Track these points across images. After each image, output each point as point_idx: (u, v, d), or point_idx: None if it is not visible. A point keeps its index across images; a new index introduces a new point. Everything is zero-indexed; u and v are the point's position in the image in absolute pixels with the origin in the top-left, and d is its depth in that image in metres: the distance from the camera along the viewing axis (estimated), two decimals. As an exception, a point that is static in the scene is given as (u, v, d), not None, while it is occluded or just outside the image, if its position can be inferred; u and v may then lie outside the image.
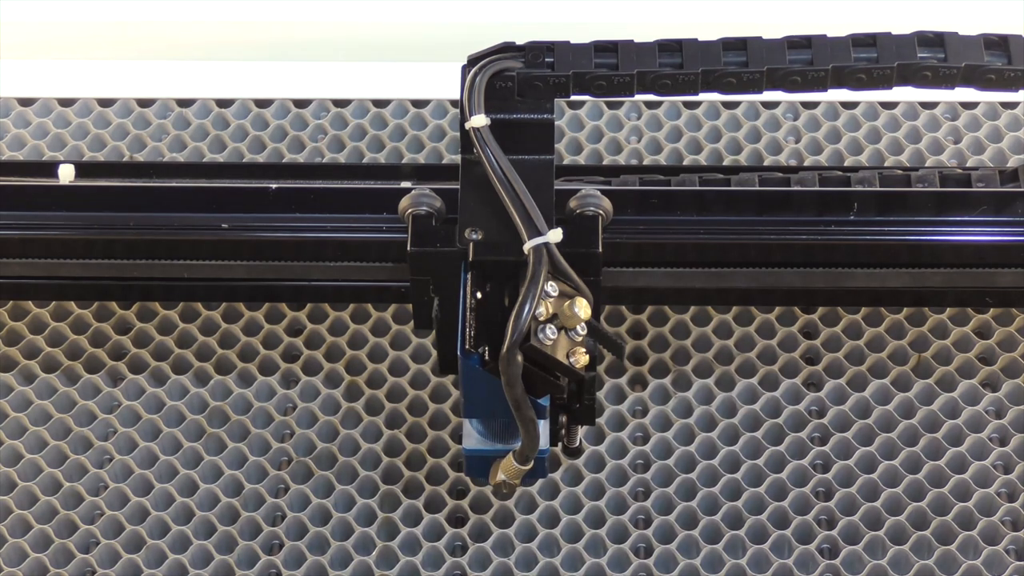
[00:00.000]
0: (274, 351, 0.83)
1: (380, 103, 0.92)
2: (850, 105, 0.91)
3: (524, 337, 0.60)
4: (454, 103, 0.92)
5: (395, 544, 0.77)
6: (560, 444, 0.73)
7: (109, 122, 0.91)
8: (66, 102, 0.91)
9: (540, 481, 0.78)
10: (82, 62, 0.95)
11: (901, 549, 0.76)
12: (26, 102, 0.91)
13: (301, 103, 0.92)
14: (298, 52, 0.97)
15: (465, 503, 0.78)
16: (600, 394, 0.81)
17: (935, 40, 0.66)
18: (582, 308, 0.61)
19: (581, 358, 0.62)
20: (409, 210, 0.68)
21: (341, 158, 0.90)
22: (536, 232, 0.62)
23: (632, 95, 0.67)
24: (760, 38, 0.67)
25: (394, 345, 0.83)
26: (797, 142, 0.90)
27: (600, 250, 0.66)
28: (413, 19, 0.97)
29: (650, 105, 0.91)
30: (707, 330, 0.83)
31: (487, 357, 0.64)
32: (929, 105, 0.91)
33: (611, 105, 0.91)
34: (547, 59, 0.66)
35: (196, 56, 0.96)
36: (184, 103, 0.92)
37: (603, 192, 0.68)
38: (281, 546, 0.77)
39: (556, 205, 0.66)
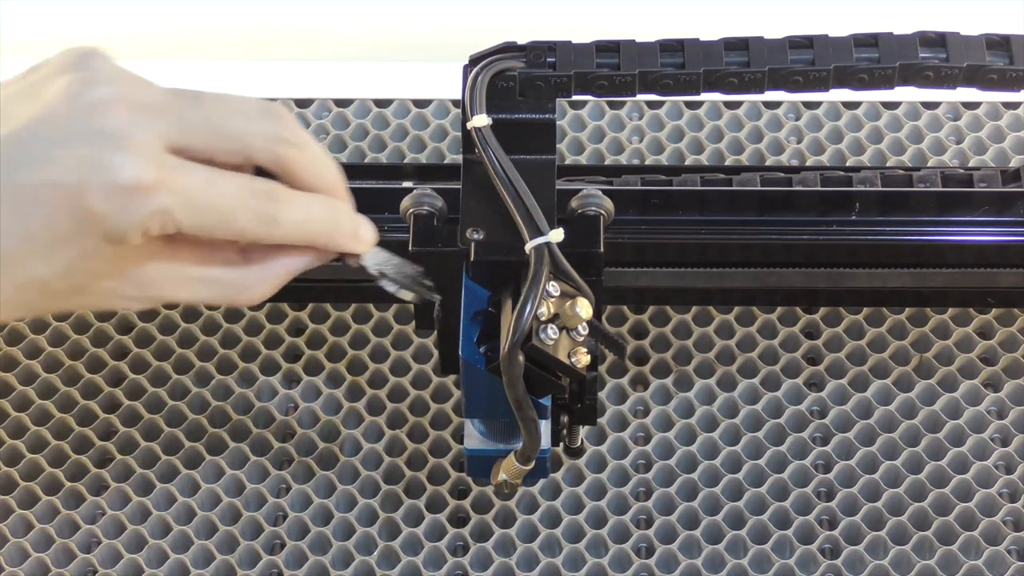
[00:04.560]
0: (275, 351, 0.83)
1: (382, 103, 0.92)
2: (852, 105, 0.91)
3: (525, 337, 0.60)
4: (456, 103, 0.92)
5: (396, 544, 0.77)
6: (561, 444, 0.73)
7: (111, 122, 0.91)
8: (68, 102, 0.91)
9: (542, 481, 0.78)
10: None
11: (903, 549, 0.76)
12: (28, 102, 0.91)
13: (303, 103, 0.92)
14: (299, 52, 0.97)
15: (466, 503, 0.78)
16: (601, 394, 0.81)
17: (937, 40, 0.66)
18: (584, 308, 0.61)
19: (582, 358, 0.62)
20: (411, 210, 0.68)
21: (343, 158, 0.90)
22: (537, 232, 0.62)
23: (634, 95, 0.67)
24: (762, 38, 0.67)
25: (396, 345, 0.83)
26: (799, 142, 0.90)
27: (602, 250, 0.66)
28: (415, 19, 0.97)
29: (652, 105, 0.91)
30: (709, 330, 0.83)
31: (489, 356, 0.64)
32: (931, 105, 0.91)
33: (613, 105, 0.91)
34: (549, 59, 0.66)
35: (197, 56, 0.96)
36: (186, 103, 0.92)
37: (605, 192, 0.68)
38: (283, 546, 0.77)
39: (558, 205, 0.65)
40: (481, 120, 0.64)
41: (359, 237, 0.60)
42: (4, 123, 0.52)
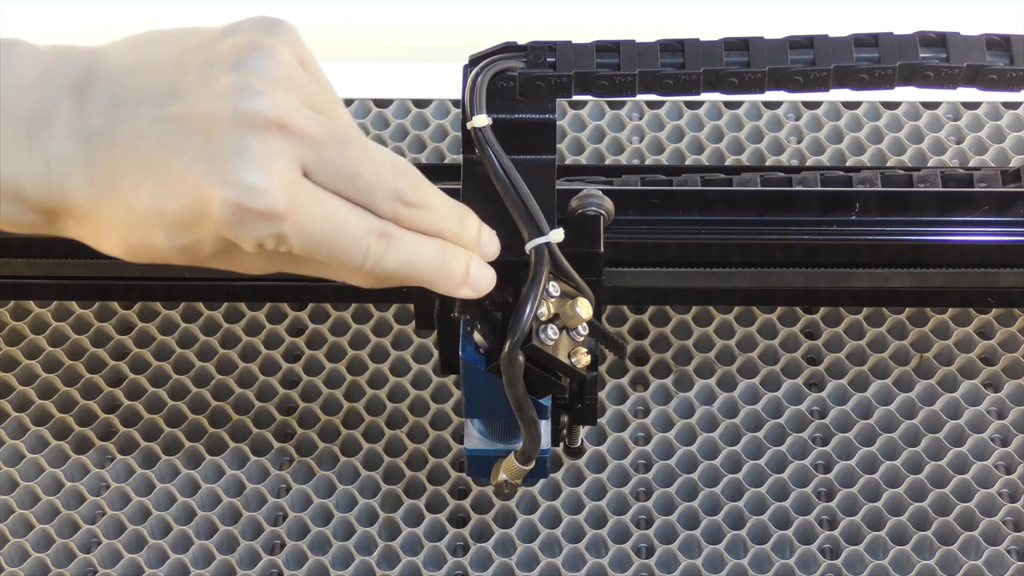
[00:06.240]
0: (275, 351, 0.83)
1: (382, 103, 0.92)
2: (852, 105, 0.91)
3: (526, 337, 0.60)
4: (456, 103, 0.92)
5: (396, 544, 0.77)
6: (562, 444, 0.73)
7: (111, 122, 0.91)
8: (68, 102, 0.91)
9: (542, 481, 0.79)
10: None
11: (903, 549, 0.76)
12: (28, 102, 0.91)
13: (303, 103, 0.92)
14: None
15: (466, 503, 0.78)
16: (602, 394, 0.81)
17: (937, 40, 0.66)
18: (584, 308, 0.61)
19: (583, 358, 0.62)
20: (411, 210, 0.67)
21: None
22: (538, 232, 0.62)
23: (634, 95, 0.67)
24: (762, 38, 0.67)
25: (395, 345, 0.83)
26: (799, 142, 0.90)
27: (602, 250, 0.66)
28: (414, 19, 0.97)
29: (652, 105, 0.91)
30: (709, 330, 0.83)
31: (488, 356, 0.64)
32: (931, 105, 0.91)
33: (613, 105, 0.91)
34: (549, 59, 0.66)
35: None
36: (186, 103, 0.92)
37: (605, 192, 0.68)
38: (283, 546, 0.77)
39: (558, 205, 0.65)
40: (481, 120, 0.64)
41: (468, 284, 0.61)
42: (179, 98, 0.55)
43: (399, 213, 0.58)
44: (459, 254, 0.60)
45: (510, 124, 0.66)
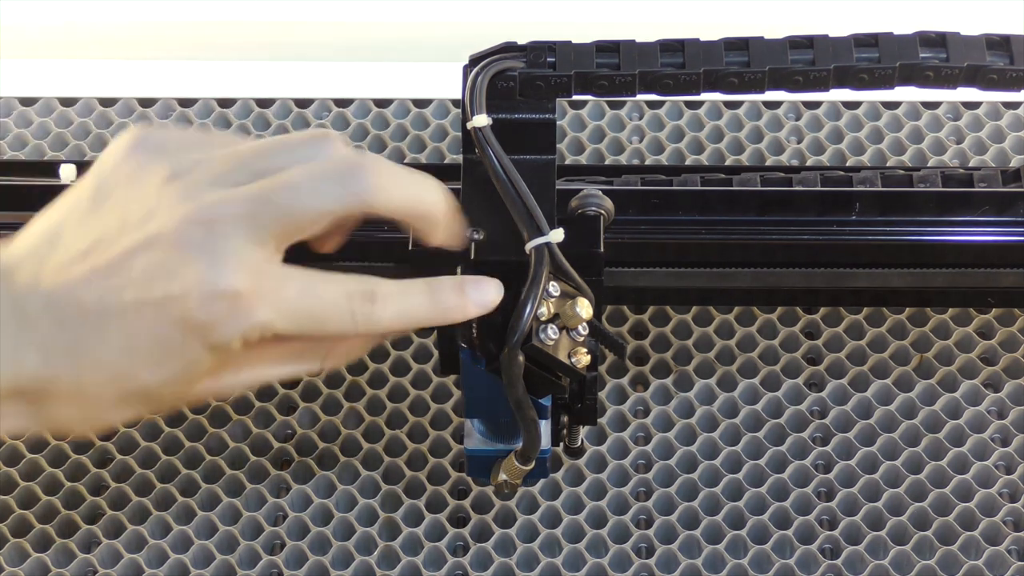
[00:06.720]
0: (275, 351, 0.83)
1: (382, 103, 0.92)
2: (852, 105, 0.91)
3: (525, 337, 0.60)
4: (456, 103, 0.92)
5: (396, 544, 0.77)
6: (562, 444, 0.73)
7: (111, 122, 0.91)
8: (68, 101, 0.91)
9: (542, 481, 0.79)
10: (84, 61, 0.95)
11: (903, 549, 0.76)
12: (27, 101, 0.91)
13: (303, 103, 0.92)
14: (300, 52, 0.97)
15: (466, 503, 0.78)
16: (602, 394, 0.81)
17: (937, 40, 0.66)
18: (584, 308, 0.61)
19: (583, 358, 0.62)
20: (411, 210, 0.67)
21: (343, 158, 0.89)
22: (538, 232, 0.62)
23: (634, 95, 0.67)
24: (762, 38, 0.67)
25: (395, 345, 0.83)
26: (799, 142, 0.90)
27: (602, 250, 0.66)
28: (414, 19, 0.97)
29: (652, 105, 0.91)
30: (709, 330, 0.83)
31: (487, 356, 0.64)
32: (931, 105, 0.91)
33: (613, 105, 0.91)
34: (549, 59, 0.66)
35: (198, 56, 0.96)
36: (186, 103, 0.92)
37: (605, 192, 0.68)
38: (282, 546, 0.77)
39: (558, 205, 0.65)
40: (481, 120, 0.64)
41: (473, 304, 0.60)
42: (106, 247, 0.54)
43: (359, 208, 0.57)
44: (448, 284, 0.60)
45: (510, 124, 0.66)
